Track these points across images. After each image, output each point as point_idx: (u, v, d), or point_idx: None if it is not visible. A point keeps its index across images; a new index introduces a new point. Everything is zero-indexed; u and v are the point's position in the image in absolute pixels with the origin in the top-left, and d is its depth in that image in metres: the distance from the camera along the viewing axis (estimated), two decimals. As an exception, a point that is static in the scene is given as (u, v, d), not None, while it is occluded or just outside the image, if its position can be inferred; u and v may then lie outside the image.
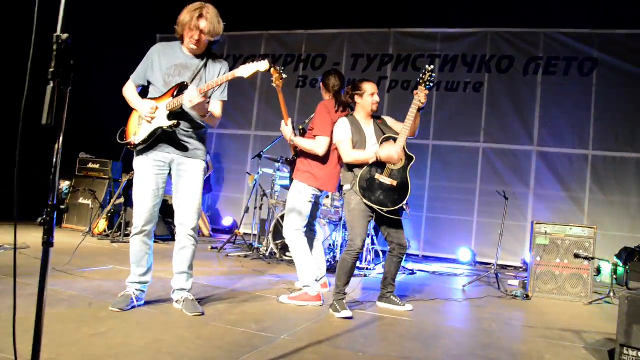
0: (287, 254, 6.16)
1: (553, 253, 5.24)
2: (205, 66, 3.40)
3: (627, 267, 6.16)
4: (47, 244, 1.59)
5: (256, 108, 9.60)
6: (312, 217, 4.41)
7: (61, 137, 1.60)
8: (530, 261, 5.38)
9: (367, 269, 6.01)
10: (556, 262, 5.22)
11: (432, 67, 3.73)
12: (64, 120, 1.60)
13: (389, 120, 4.09)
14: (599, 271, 6.70)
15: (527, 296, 5.11)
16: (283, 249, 6.29)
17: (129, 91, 3.43)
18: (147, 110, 3.27)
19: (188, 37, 3.29)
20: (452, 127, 8.39)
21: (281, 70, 3.93)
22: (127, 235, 3.22)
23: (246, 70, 3.14)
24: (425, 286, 5.53)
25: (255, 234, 7.21)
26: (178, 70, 3.35)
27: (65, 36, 1.55)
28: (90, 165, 7.94)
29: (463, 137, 8.34)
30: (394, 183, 3.77)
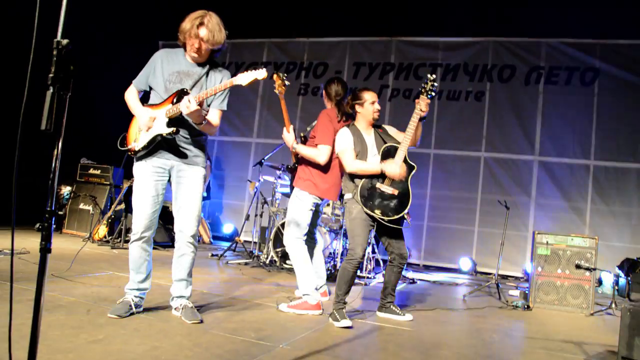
0: (287, 262, 6.13)
1: (554, 263, 5.22)
2: (207, 74, 3.40)
3: (629, 279, 6.12)
4: (45, 250, 1.58)
5: (258, 115, 9.62)
6: (313, 226, 4.39)
7: (60, 143, 1.59)
8: (531, 271, 5.36)
9: (368, 278, 5.98)
10: (557, 273, 5.20)
11: (434, 77, 3.73)
12: (63, 125, 1.60)
13: (390, 129, 4.08)
14: (601, 282, 6.67)
15: (528, 307, 5.09)
16: (283, 257, 6.27)
17: (131, 96, 3.43)
18: (145, 120, 3.27)
19: (189, 46, 3.29)
20: (454, 136, 8.38)
21: (284, 77, 3.94)
22: (127, 241, 3.21)
23: (244, 78, 3.14)
24: (425, 296, 5.50)
25: (255, 242, 7.19)
26: (179, 77, 3.35)
27: (65, 42, 1.55)
28: (91, 171, 7.95)
29: (464, 146, 8.33)
30: (395, 192, 3.76)
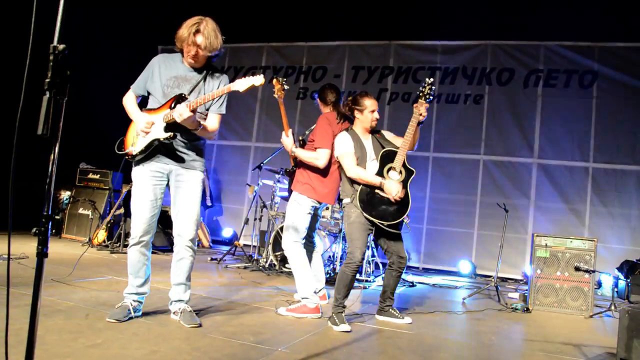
0: (287, 266, 6.13)
1: (553, 266, 5.22)
2: (204, 79, 3.40)
3: (629, 281, 6.11)
4: (41, 255, 1.58)
5: (257, 119, 9.62)
6: (311, 229, 4.39)
7: (57, 147, 1.60)
8: (530, 274, 5.35)
9: (367, 281, 5.98)
10: (557, 275, 5.19)
11: (432, 80, 3.74)
12: (60, 130, 1.60)
13: (388, 134, 4.09)
14: (600, 284, 6.66)
15: (527, 309, 5.08)
16: (282, 261, 6.26)
17: (129, 102, 3.44)
18: (143, 125, 3.28)
19: (186, 52, 3.30)
20: (453, 139, 8.38)
21: (283, 81, 3.95)
22: (127, 245, 3.21)
23: (242, 84, 3.15)
24: (424, 299, 5.50)
25: (254, 246, 7.19)
26: (177, 82, 3.36)
27: (61, 47, 1.55)
28: (90, 175, 7.95)
29: (463, 149, 8.33)
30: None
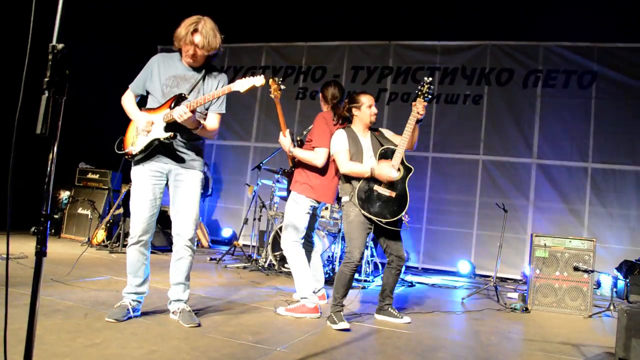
0: (286, 266, 6.13)
1: (552, 266, 5.22)
2: (203, 78, 3.40)
3: (628, 280, 6.12)
4: (40, 254, 1.58)
5: (256, 119, 9.62)
6: (310, 229, 4.39)
7: (55, 147, 1.60)
8: (529, 274, 5.36)
9: (366, 281, 5.98)
10: (556, 275, 5.20)
11: (430, 79, 3.75)
12: (59, 129, 1.60)
13: (387, 132, 4.09)
14: (599, 284, 6.67)
15: (526, 309, 5.08)
16: (282, 261, 6.26)
17: (128, 101, 3.44)
18: (144, 124, 3.28)
19: (184, 52, 3.31)
20: (452, 140, 8.38)
21: (279, 81, 3.94)
22: (126, 245, 3.21)
23: (242, 84, 3.15)
24: (424, 298, 5.50)
25: (254, 245, 7.19)
26: (176, 81, 3.36)
27: (60, 46, 1.55)
28: (89, 175, 7.95)
29: (462, 150, 8.33)
30: (393, 194, 3.77)
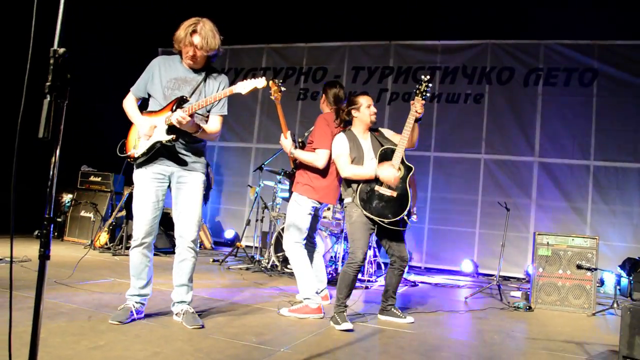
0: (289, 267, 6.13)
1: (555, 264, 5.22)
2: (204, 80, 3.41)
3: (631, 278, 6.11)
4: (43, 257, 1.59)
5: (258, 121, 9.64)
6: (312, 230, 4.40)
7: (58, 150, 1.61)
8: (532, 272, 5.35)
9: (369, 282, 5.98)
10: (559, 273, 5.19)
11: (428, 78, 3.75)
12: (61, 133, 1.61)
13: (387, 132, 4.09)
14: (602, 282, 6.66)
15: (530, 307, 5.08)
16: (284, 262, 6.27)
17: (129, 105, 3.45)
18: (147, 129, 3.29)
19: (184, 53, 3.32)
20: (453, 139, 8.38)
21: (279, 83, 3.95)
22: (129, 248, 3.22)
23: (244, 87, 3.16)
24: (427, 298, 5.50)
25: (256, 247, 7.20)
26: (178, 84, 3.37)
27: (62, 50, 1.56)
28: (92, 178, 7.97)
29: (464, 149, 8.33)
30: (394, 194, 3.77)
